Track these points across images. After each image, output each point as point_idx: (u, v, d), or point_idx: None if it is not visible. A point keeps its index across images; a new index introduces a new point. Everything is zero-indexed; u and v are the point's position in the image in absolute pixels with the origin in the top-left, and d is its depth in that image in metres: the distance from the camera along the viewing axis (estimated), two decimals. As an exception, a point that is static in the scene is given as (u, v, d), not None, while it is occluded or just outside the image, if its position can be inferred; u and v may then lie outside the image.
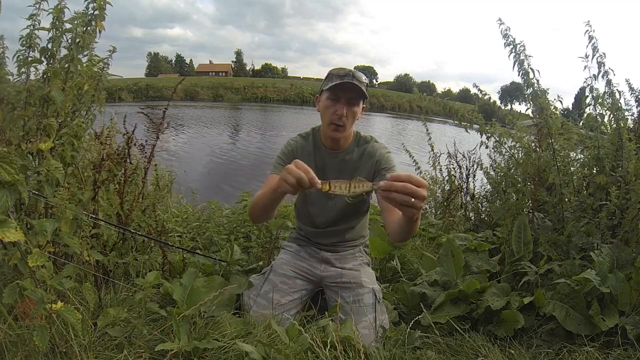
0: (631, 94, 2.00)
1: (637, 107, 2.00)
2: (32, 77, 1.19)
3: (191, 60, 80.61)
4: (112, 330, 1.04)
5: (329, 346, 1.00)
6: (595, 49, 1.67)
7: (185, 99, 32.27)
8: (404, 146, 3.66)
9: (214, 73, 67.07)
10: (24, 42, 1.16)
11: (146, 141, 1.66)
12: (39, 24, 1.15)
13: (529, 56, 1.73)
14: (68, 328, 0.91)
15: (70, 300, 1.03)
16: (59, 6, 1.14)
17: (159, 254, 1.55)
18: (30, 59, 1.16)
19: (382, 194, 0.83)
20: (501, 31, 1.77)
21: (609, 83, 1.69)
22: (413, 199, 0.80)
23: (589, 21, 1.68)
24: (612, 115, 1.72)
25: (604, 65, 1.68)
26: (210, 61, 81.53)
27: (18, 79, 1.18)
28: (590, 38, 1.68)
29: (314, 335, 1.03)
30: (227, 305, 1.37)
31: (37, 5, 1.14)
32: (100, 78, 1.38)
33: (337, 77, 1.27)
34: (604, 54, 1.66)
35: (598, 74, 1.68)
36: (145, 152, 1.65)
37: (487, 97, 2.08)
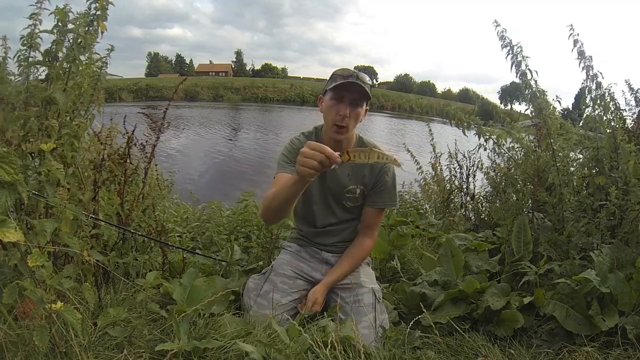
0: (631, 93, 2.00)
1: (637, 106, 2.00)
2: (31, 77, 1.19)
3: (191, 60, 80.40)
4: (112, 330, 1.04)
5: (329, 346, 1.00)
6: (581, 54, 1.66)
7: (186, 99, 32.23)
8: (404, 145, 3.67)
9: (214, 73, 67.02)
10: (25, 42, 1.15)
11: (146, 141, 1.66)
12: (40, 24, 1.15)
13: (527, 57, 1.72)
14: (68, 328, 0.91)
15: (70, 300, 1.03)
16: (65, 9, 1.13)
17: (159, 254, 1.55)
18: (31, 59, 1.16)
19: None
20: (497, 33, 1.76)
21: (599, 86, 1.68)
22: None
23: (571, 25, 1.66)
24: (605, 117, 1.70)
25: (592, 69, 1.66)
26: (210, 61, 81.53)
27: (19, 79, 1.18)
28: (575, 42, 1.66)
29: (314, 335, 1.03)
30: (225, 301, 1.36)
31: (39, 5, 1.14)
32: (99, 77, 1.38)
33: (341, 77, 1.28)
34: (591, 57, 1.65)
35: (587, 78, 1.67)
36: (146, 152, 1.65)
37: (480, 97, 2.07)
